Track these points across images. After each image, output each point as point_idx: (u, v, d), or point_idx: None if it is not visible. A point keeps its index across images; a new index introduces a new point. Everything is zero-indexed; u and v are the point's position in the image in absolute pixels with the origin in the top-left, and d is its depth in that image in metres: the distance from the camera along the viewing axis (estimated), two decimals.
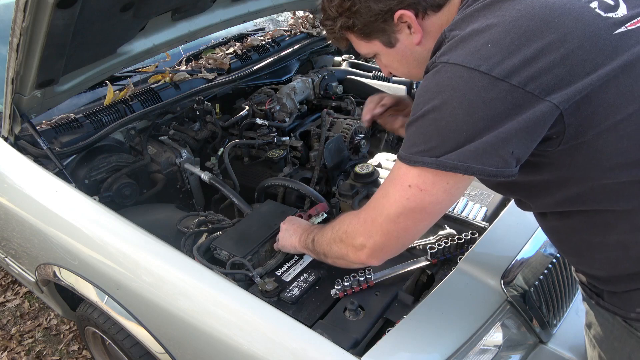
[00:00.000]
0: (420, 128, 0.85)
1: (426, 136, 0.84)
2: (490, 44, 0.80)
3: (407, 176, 0.88)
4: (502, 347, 1.22)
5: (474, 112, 0.79)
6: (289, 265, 1.38)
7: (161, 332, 1.38)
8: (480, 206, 1.48)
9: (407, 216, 0.91)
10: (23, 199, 1.71)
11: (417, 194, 0.88)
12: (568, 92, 0.78)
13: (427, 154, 0.83)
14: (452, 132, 0.81)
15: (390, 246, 0.99)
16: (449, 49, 0.85)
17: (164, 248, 1.36)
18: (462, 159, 0.81)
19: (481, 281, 1.24)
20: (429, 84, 0.85)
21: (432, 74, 0.86)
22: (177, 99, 2.13)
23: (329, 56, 2.85)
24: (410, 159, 0.86)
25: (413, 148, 0.86)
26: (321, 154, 1.98)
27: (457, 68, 0.81)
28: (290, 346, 1.12)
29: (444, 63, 0.83)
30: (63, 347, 2.50)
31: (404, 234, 0.96)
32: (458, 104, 0.80)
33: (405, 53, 1.05)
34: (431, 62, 0.88)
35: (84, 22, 1.48)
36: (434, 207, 0.90)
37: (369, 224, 0.97)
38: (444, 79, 0.83)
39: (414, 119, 0.86)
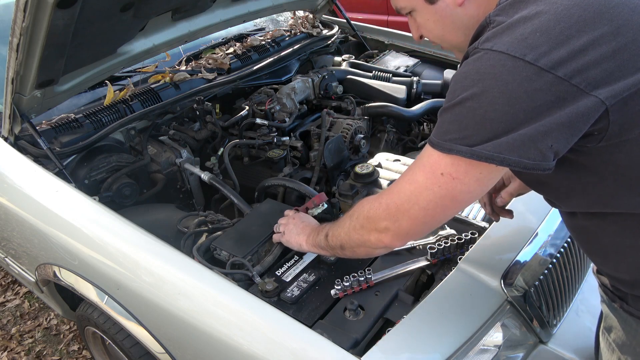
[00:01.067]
0: (456, 115, 0.82)
1: (462, 124, 0.81)
2: (538, 32, 0.77)
3: (439, 164, 0.85)
4: (502, 347, 1.22)
5: (514, 103, 0.76)
6: (289, 265, 1.38)
7: (161, 332, 1.38)
8: (480, 206, 1.48)
9: (437, 203, 0.89)
10: (23, 199, 1.71)
11: (449, 182, 0.85)
12: (616, 88, 0.75)
13: (462, 142, 0.81)
14: (490, 122, 0.78)
15: (416, 231, 0.98)
16: (494, 35, 0.80)
17: (164, 248, 1.36)
18: (498, 150, 0.78)
19: (481, 281, 1.24)
20: (469, 70, 0.82)
21: (473, 60, 0.82)
22: (177, 99, 2.13)
23: (329, 56, 2.85)
24: (444, 146, 0.83)
25: (447, 135, 0.83)
26: (321, 154, 1.98)
27: (501, 56, 0.77)
28: (290, 346, 1.12)
29: (487, 50, 0.79)
30: (63, 347, 2.50)
31: (431, 219, 0.94)
32: (499, 93, 0.77)
33: (444, 13, 0.97)
34: (472, 47, 0.84)
35: (84, 22, 1.49)
36: (464, 195, 0.88)
37: (394, 209, 0.95)
38: (486, 66, 0.79)
39: (450, 105, 0.83)
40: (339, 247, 1.16)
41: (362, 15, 4.50)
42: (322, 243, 1.23)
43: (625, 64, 0.75)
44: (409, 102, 2.37)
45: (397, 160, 1.80)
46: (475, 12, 0.95)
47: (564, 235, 1.37)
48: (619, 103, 0.76)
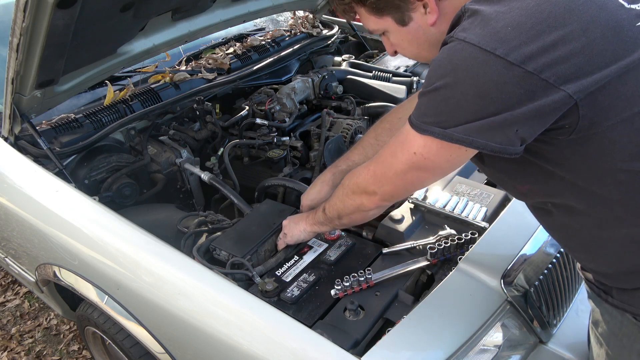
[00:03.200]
0: (431, 101, 0.88)
1: (437, 110, 0.87)
2: (510, 27, 0.79)
3: (414, 143, 0.93)
4: (502, 347, 1.22)
5: (485, 95, 0.80)
6: (289, 265, 1.39)
7: (161, 332, 1.38)
8: (480, 206, 1.48)
9: (413, 174, 0.99)
10: (23, 199, 1.71)
11: (420, 160, 0.94)
12: (584, 83, 0.77)
13: (436, 125, 0.86)
14: (462, 110, 0.83)
15: (399, 194, 1.12)
16: (469, 26, 0.83)
17: (164, 248, 1.36)
18: (468, 132, 0.83)
19: (481, 281, 1.24)
20: (444, 58, 0.86)
21: (447, 49, 0.85)
22: (177, 99, 2.13)
23: (329, 56, 2.85)
24: (420, 127, 0.90)
25: (424, 117, 0.89)
26: (321, 154, 1.98)
27: (473, 49, 0.80)
28: (290, 346, 1.12)
29: (461, 40, 0.83)
30: (63, 347, 2.50)
31: (411, 186, 1.07)
32: (470, 85, 0.81)
33: (417, 33, 1.02)
34: (449, 35, 0.87)
35: (84, 22, 1.48)
36: (436, 170, 0.98)
37: (379, 176, 1.07)
38: (459, 57, 0.83)
39: (427, 90, 0.88)
40: (337, 217, 1.26)
41: None
42: (321, 218, 1.32)
43: (593, 59, 0.77)
44: None
45: None
46: (446, 28, 0.97)
47: None
48: (588, 97, 0.78)
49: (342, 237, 1.47)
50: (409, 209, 1.53)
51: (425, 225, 1.50)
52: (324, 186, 1.49)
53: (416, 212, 1.52)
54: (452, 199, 1.52)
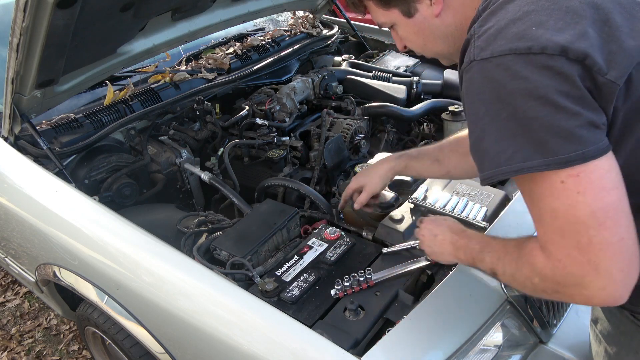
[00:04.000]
0: (521, 130, 0.78)
1: (533, 136, 0.77)
2: (534, 26, 0.78)
3: (578, 179, 0.76)
4: (502, 347, 1.23)
5: (547, 94, 0.75)
6: (289, 265, 1.38)
7: (161, 332, 1.38)
8: (480, 206, 1.48)
9: (607, 216, 0.77)
10: (23, 199, 1.71)
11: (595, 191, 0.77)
12: (621, 67, 0.77)
13: (575, 151, 0.75)
14: (558, 120, 0.75)
15: (623, 262, 0.78)
16: (487, 42, 0.81)
17: (164, 248, 1.36)
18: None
19: (481, 281, 1.24)
20: (481, 87, 0.81)
21: (480, 76, 0.81)
22: (177, 99, 2.13)
23: (329, 56, 2.85)
24: (560, 161, 0.75)
25: (535, 151, 0.77)
26: (321, 154, 1.98)
27: (509, 58, 0.78)
28: (290, 346, 1.12)
29: (488, 58, 0.79)
30: (63, 347, 2.50)
31: (619, 240, 0.78)
32: (535, 88, 0.76)
33: (422, 25, 1.02)
34: (467, 62, 0.84)
35: (84, 22, 1.49)
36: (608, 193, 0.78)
37: (584, 254, 0.78)
38: (501, 76, 0.78)
39: (507, 126, 0.79)
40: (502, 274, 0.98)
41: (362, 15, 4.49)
42: (484, 271, 1.05)
43: (621, 43, 0.78)
44: (409, 102, 2.37)
45: None
46: (451, 20, 0.99)
47: None
48: (625, 84, 0.78)
49: (342, 237, 1.47)
50: (409, 209, 1.53)
51: None
52: (380, 180, 1.45)
53: (416, 212, 1.52)
54: (452, 199, 1.52)
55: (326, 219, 1.67)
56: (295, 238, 1.58)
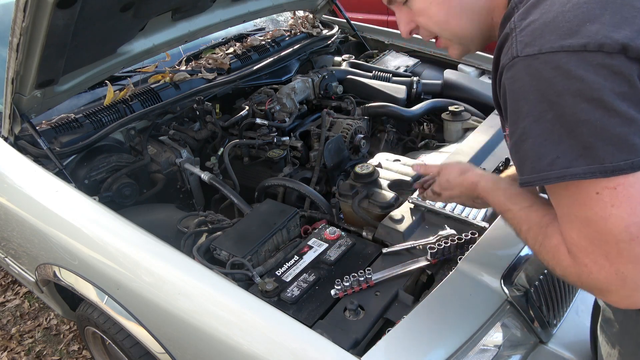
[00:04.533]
0: (567, 136, 0.73)
1: (591, 143, 0.71)
2: (588, 21, 0.72)
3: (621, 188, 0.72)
4: (502, 347, 1.22)
5: (602, 95, 0.70)
6: (289, 265, 1.38)
7: (161, 332, 1.38)
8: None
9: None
10: (23, 199, 1.71)
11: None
12: None
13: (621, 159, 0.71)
14: (609, 124, 0.70)
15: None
16: (533, 37, 0.75)
17: (164, 248, 1.36)
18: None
19: (481, 281, 1.24)
20: (526, 85, 0.75)
21: (526, 74, 0.75)
22: (177, 99, 2.13)
23: (329, 56, 2.85)
24: (607, 169, 0.71)
25: (598, 161, 0.71)
26: (321, 154, 1.98)
27: (561, 56, 0.72)
28: (290, 346, 1.12)
29: (535, 55, 0.74)
30: (63, 347, 2.50)
31: None
32: (582, 93, 0.70)
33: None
34: (509, 58, 0.77)
35: (84, 22, 1.49)
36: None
37: (612, 264, 0.76)
38: (550, 75, 0.72)
39: (564, 131, 0.73)
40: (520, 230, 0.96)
41: (362, 15, 4.49)
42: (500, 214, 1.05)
43: None
44: (409, 102, 2.37)
45: (397, 160, 1.80)
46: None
47: None
48: None
49: (342, 237, 1.47)
50: (409, 209, 1.53)
51: (425, 225, 1.50)
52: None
53: (416, 212, 1.52)
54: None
55: (326, 219, 1.67)
56: (295, 238, 1.58)
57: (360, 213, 1.57)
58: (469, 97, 2.29)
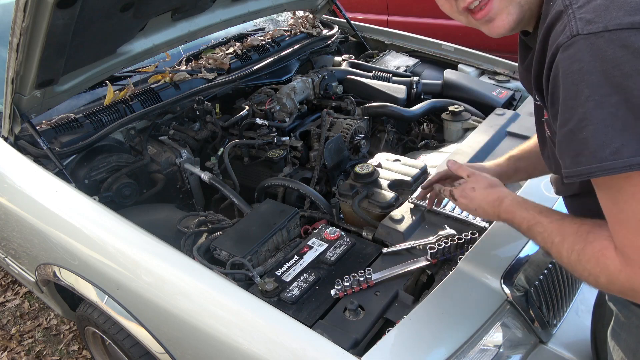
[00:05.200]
0: (633, 122, 0.68)
1: None
2: None
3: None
4: (502, 347, 1.22)
5: None
6: (289, 265, 1.38)
7: (161, 332, 1.38)
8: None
9: None
10: (23, 199, 1.71)
11: None
12: None
13: None
14: None
15: None
16: (597, 14, 0.68)
17: (164, 248, 1.36)
18: None
19: (481, 281, 1.24)
20: (588, 66, 0.68)
21: (586, 50, 0.68)
22: (177, 99, 2.13)
23: (329, 56, 2.85)
24: None
25: None
26: (321, 154, 1.98)
27: (630, 33, 0.66)
28: (290, 346, 1.12)
29: (599, 32, 0.67)
30: (63, 347, 2.50)
31: None
32: None
33: None
34: (567, 36, 0.70)
35: (84, 22, 1.49)
36: None
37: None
38: (618, 54, 0.66)
39: (615, 117, 0.67)
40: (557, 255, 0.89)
41: (362, 15, 4.49)
42: (524, 231, 1.00)
43: None
44: (409, 102, 2.37)
45: (397, 160, 1.80)
46: None
47: None
48: None
49: (342, 237, 1.47)
50: (409, 209, 1.53)
51: (425, 225, 1.50)
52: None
53: (416, 212, 1.52)
54: None
55: (326, 219, 1.67)
56: (295, 238, 1.58)
57: (360, 213, 1.57)
58: (469, 97, 2.29)
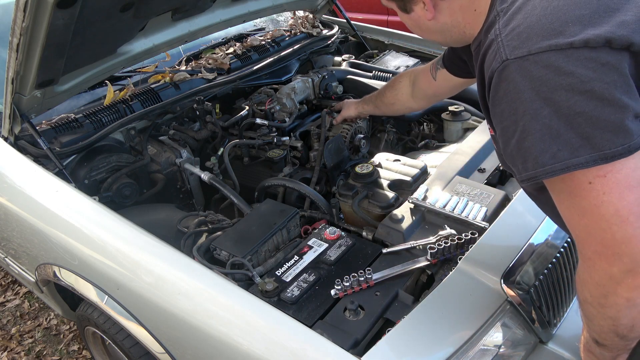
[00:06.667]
0: (564, 129, 0.76)
1: (589, 133, 0.75)
2: (570, 22, 0.77)
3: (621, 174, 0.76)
4: (502, 347, 1.22)
5: (596, 88, 0.74)
6: (289, 265, 1.38)
7: (161, 332, 1.38)
8: (480, 206, 1.48)
9: (631, 212, 0.78)
10: (23, 199, 1.71)
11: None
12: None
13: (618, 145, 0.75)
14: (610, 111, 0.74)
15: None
16: (520, 41, 0.80)
17: (164, 248, 1.36)
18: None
19: (481, 281, 1.24)
20: (519, 85, 0.79)
21: (520, 76, 0.79)
22: (177, 99, 2.13)
23: (329, 56, 2.85)
24: (607, 156, 0.75)
25: (594, 149, 0.75)
26: (321, 154, 1.98)
27: (549, 55, 0.76)
28: (290, 346, 1.12)
29: (524, 57, 0.78)
30: (63, 347, 2.50)
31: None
32: (575, 87, 0.75)
33: (418, 22, 1.06)
34: (498, 62, 0.82)
35: (84, 22, 1.49)
36: None
37: (608, 248, 0.80)
38: (542, 73, 0.77)
39: (561, 123, 0.76)
40: (620, 338, 0.90)
41: (362, 15, 4.49)
42: (601, 352, 0.97)
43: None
44: None
45: (397, 160, 1.80)
46: (447, 19, 1.01)
47: (564, 235, 1.37)
48: None
49: (342, 237, 1.47)
50: (409, 209, 1.53)
51: (425, 225, 1.50)
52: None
53: (416, 212, 1.52)
54: (452, 199, 1.52)
55: (326, 219, 1.67)
56: (295, 238, 1.58)
57: (360, 213, 1.57)
58: (469, 97, 2.29)
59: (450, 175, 1.65)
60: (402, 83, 1.81)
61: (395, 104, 1.86)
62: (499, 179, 1.77)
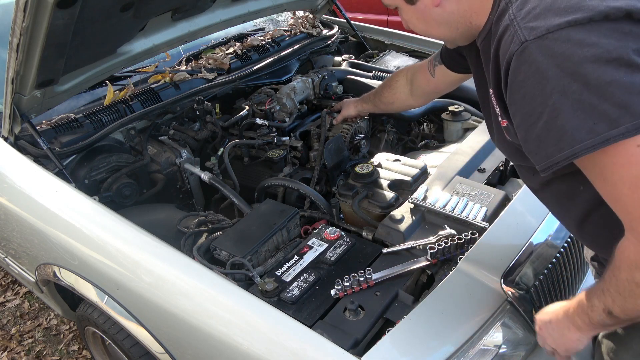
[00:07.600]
0: (598, 101, 0.74)
1: (624, 100, 0.73)
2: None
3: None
4: (502, 347, 1.22)
5: (622, 56, 0.73)
6: (289, 265, 1.38)
7: (161, 332, 1.38)
8: (480, 206, 1.48)
9: None
10: (23, 199, 1.71)
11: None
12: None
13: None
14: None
15: None
16: (538, 21, 0.79)
17: (164, 248, 1.36)
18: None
19: (481, 281, 1.24)
20: (542, 65, 0.77)
21: (537, 52, 0.78)
22: (177, 99, 2.13)
23: (329, 56, 2.85)
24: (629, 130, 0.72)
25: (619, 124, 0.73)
26: (321, 154, 1.98)
27: (569, 30, 0.75)
28: (290, 346, 1.12)
29: (544, 35, 0.77)
30: (63, 347, 2.50)
31: None
32: (600, 56, 0.73)
33: (425, 12, 1.03)
34: (517, 44, 0.80)
35: (84, 22, 1.49)
36: None
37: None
38: (564, 48, 0.75)
39: (587, 100, 0.74)
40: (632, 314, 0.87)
41: (362, 15, 4.49)
42: (605, 321, 0.91)
43: None
44: None
45: (397, 160, 1.80)
46: (455, 8, 0.99)
47: (564, 235, 1.38)
48: None
49: (342, 237, 1.47)
50: (409, 209, 1.53)
51: (425, 225, 1.50)
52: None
53: (416, 212, 1.52)
54: (452, 199, 1.52)
55: (326, 219, 1.67)
56: (295, 238, 1.58)
57: (360, 213, 1.57)
58: (469, 97, 2.29)
59: (450, 175, 1.65)
60: (399, 82, 1.81)
61: (395, 103, 1.86)
62: (499, 179, 1.77)
